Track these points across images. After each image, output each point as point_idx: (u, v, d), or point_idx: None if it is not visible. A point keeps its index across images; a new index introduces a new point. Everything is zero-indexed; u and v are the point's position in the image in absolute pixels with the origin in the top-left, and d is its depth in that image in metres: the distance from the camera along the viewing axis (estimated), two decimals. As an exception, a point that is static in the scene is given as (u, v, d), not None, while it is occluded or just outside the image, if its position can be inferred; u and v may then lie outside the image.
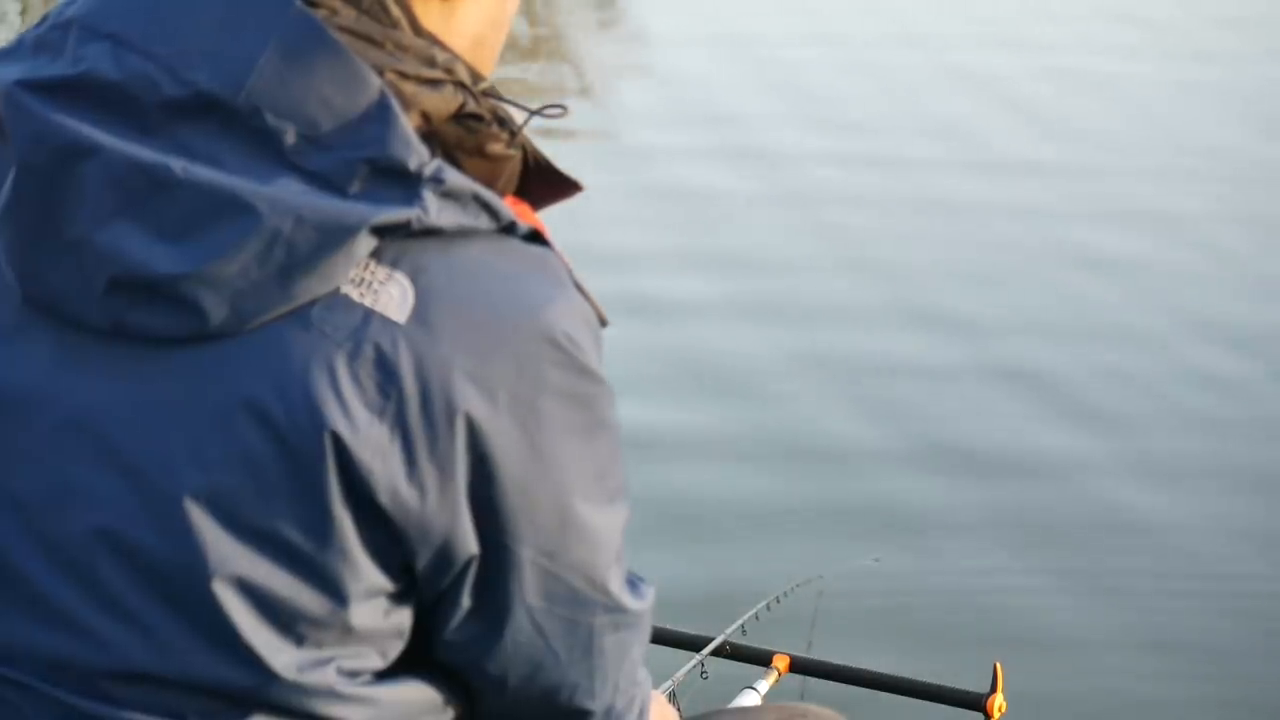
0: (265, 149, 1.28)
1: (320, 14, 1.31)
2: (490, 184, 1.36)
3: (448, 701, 1.41)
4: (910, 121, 8.61)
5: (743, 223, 6.99)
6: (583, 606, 1.39)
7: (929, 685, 2.57)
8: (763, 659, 2.60)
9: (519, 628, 1.37)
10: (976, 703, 2.49)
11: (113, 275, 1.27)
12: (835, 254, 6.63)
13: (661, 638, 2.62)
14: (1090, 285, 6.39)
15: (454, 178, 1.30)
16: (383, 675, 1.36)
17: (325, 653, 1.32)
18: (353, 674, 1.34)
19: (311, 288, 1.27)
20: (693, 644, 2.65)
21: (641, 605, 1.44)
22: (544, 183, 1.42)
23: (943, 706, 2.57)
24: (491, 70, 1.43)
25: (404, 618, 1.35)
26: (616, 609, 1.41)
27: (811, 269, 6.47)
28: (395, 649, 1.36)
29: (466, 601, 1.35)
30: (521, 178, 1.41)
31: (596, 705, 1.44)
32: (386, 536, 1.30)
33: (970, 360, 5.69)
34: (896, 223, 7.02)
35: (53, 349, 1.31)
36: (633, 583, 1.44)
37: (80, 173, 1.28)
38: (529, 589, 1.36)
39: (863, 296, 6.21)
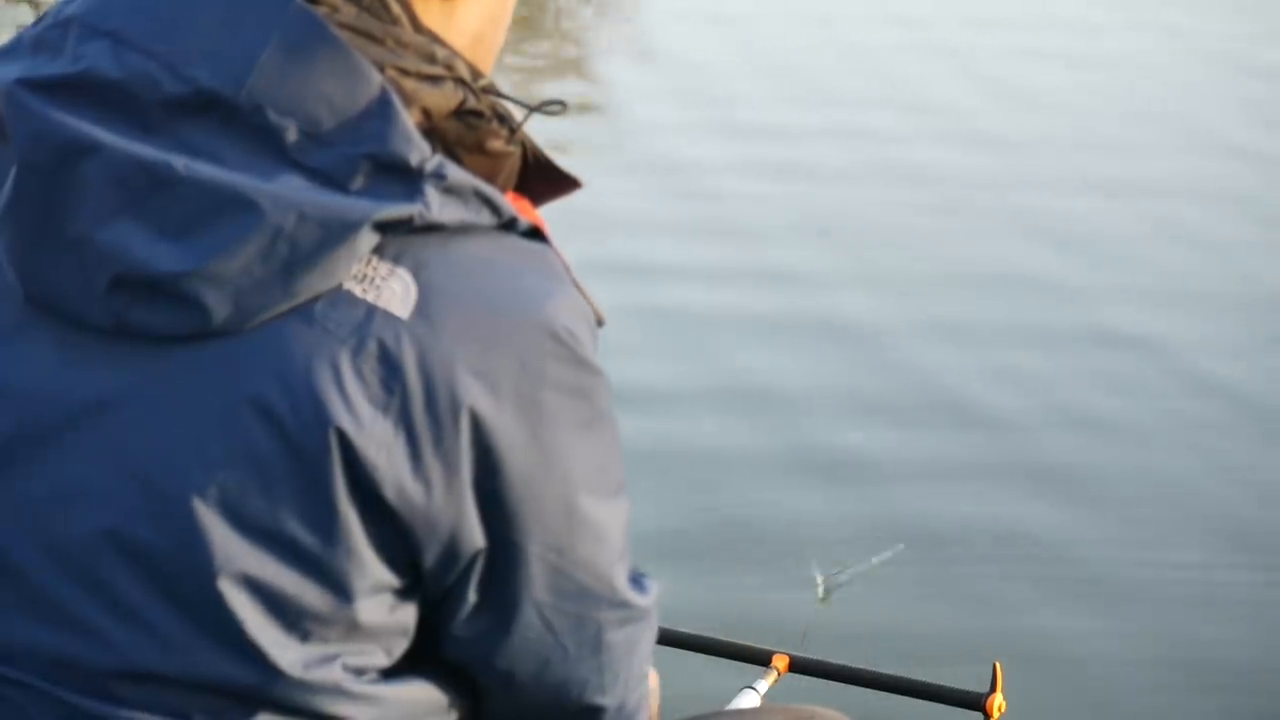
0: (267, 146, 1.28)
1: (321, 11, 1.31)
2: (490, 180, 1.36)
3: (453, 702, 1.41)
4: (893, 97, 8.85)
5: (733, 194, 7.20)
6: (591, 602, 1.39)
7: (928, 685, 2.56)
8: (762, 658, 2.59)
9: (527, 623, 1.38)
10: (976, 703, 2.49)
11: (115, 274, 1.27)
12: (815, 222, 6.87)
13: (661, 638, 2.62)
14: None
15: (455, 173, 1.30)
16: (388, 674, 1.36)
17: (331, 649, 1.32)
18: (358, 671, 1.34)
19: (314, 284, 1.27)
20: (692, 643, 2.64)
21: (647, 601, 1.44)
22: (544, 179, 1.43)
23: (942, 706, 2.57)
24: (491, 67, 1.44)
25: (409, 614, 1.36)
26: (623, 605, 1.42)
27: (790, 236, 6.69)
28: (400, 646, 1.37)
29: (474, 597, 1.36)
30: (521, 174, 1.41)
31: (608, 701, 1.45)
32: (392, 532, 1.31)
33: (947, 321, 5.88)
34: (879, 193, 7.26)
35: (55, 347, 1.31)
36: (637, 579, 1.45)
37: (81, 171, 1.28)
38: (537, 584, 1.36)
39: (840, 262, 6.43)
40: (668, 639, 2.64)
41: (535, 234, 1.36)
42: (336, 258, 1.26)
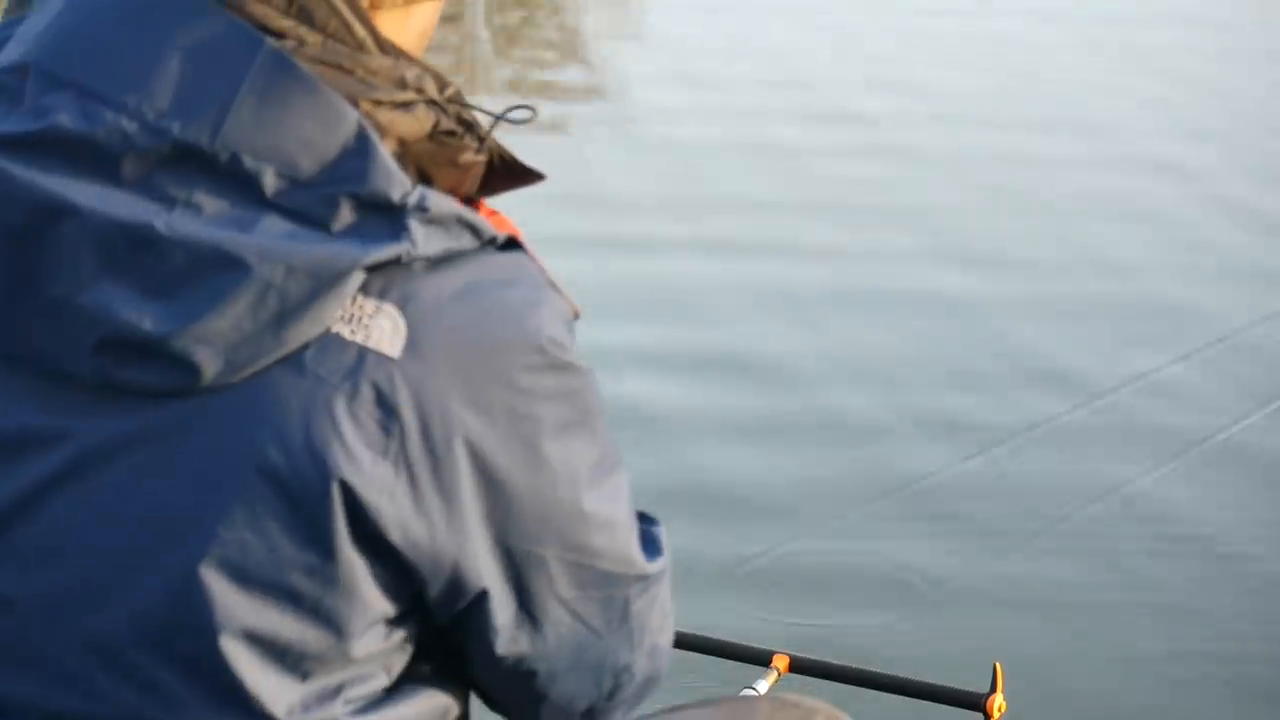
0: (246, 192, 1.26)
1: (288, 45, 1.29)
2: (460, 188, 1.37)
3: (451, 705, 1.42)
4: (874, 79, 9.20)
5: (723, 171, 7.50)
6: (613, 583, 1.42)
7: (928, 685, 2.56)
8: (762, 659, 2.59)
9: (558, 620, 1.40)
10: (976, 703, 2.49)
11: (101, 336, 1.26)
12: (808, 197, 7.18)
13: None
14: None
15: (437, 203, 1.29)
16: (389, 691, 1.36)
17: (333, 680, 1.32)
18: (358, 699, 1.34)
19: (305, 333, 1.26)
20: (692, 643, 2.64)
21: (663, 562, 1.47)
22: (507, 174, 1.42)
23: (943, 707, 2.57)
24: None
25: (410, 634, 1.36)
26: (642, 576, 1.44)
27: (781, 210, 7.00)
28: (401, 663, 1.37)
29: (506, 621, 1.37)
30: (486, 170, 1.41)
31: (638, 656, 1.47)
32: (398, 570, 1.31)
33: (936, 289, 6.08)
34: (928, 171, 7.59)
35: (41, 400, 1.29)
36: (648, 538, 1.47)
37: (58, 234, 1.26)
38: (560, 585, 1.38)
39: (834, 235, 6.70)
40: (668, 639, 2.64)
41: (511, 243, 1.36)
42: (326, 305, 1.25)
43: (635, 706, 1.52)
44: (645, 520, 1.50)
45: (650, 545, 1.47)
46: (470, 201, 1.40)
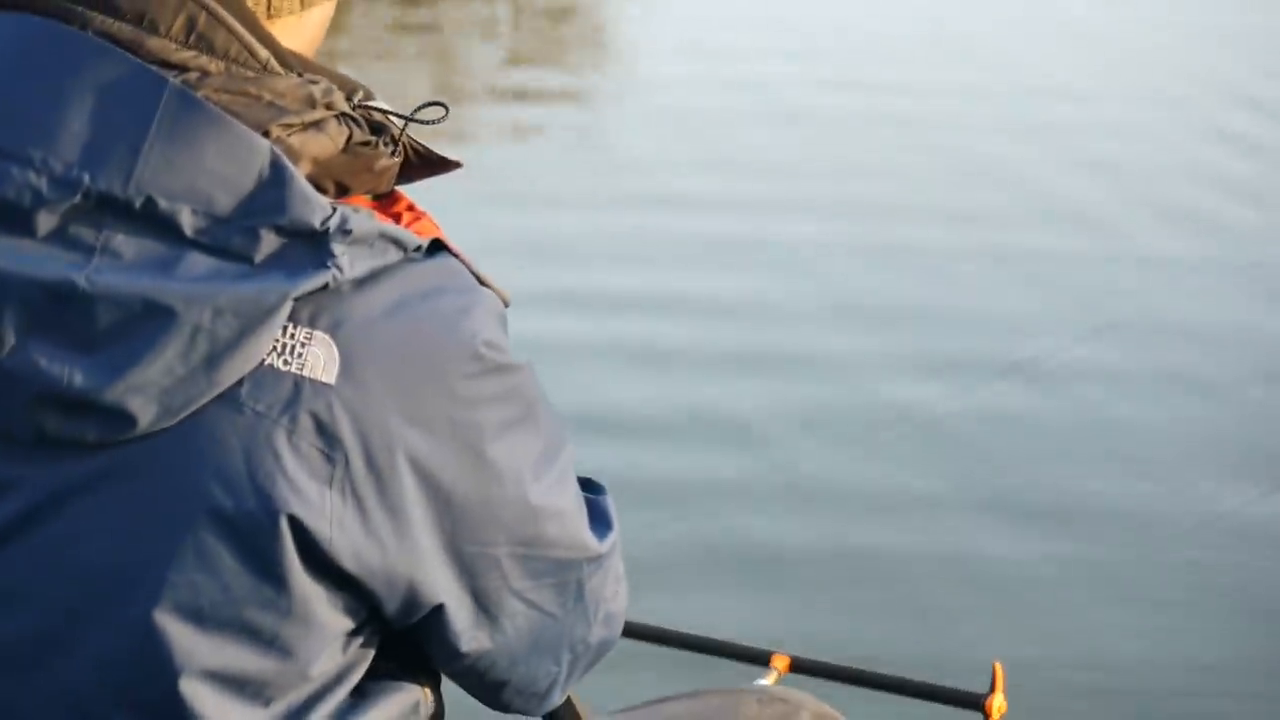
0: (164, 235, 1.24)
1: (190, 78, 1.27)
2: (376, 188, 1.35)
3: (419, 702, 1.41)
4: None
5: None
6: (566, 568, 1.41)
7: (928, 685, 2.56)
8: (762, 659, 2.59)
9: (515, 613, 1.39)
10: (976, 702, 2.49)
11: (32, 395, 1.23)
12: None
13: (663, 637, 2.63)
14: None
15: (359, 223, 1.27)
16: (355, 702, 1.36)
17: (296, 700, 1.31)
18: (326, 713, 1.33)
19: (238, 370, 1.24)
20: (693, 643, 2.64)
21: (612, 538, 1.46)
22: (424, 164, 1.41)
23: (942, 706, 2.57)
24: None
25: (365, 642, 1.35)
26: (594, 557, 1.43)
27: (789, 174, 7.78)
28: (361, 669, 1.36)
29: (465, 625, 1.37)
30: (402, 164, 1.39)
31: (594, 628, 1.47)
32: (353, 593, 1.30)
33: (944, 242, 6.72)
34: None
35: None
36: (597, 516, 1.46)
37: None
38: (515, 579, 1.37)
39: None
40: (669, 639, 2.65)
41: (434, 245, 1.33)
42: (257, 341, 1.23)
43: (590, 669, 1.51)
44: (591, 488, 1.49)
45: (599, 519, 1.46)
46: (389, 194, 1.39)
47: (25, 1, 1.29)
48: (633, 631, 2.44)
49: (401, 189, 1.41)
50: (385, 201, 1.38)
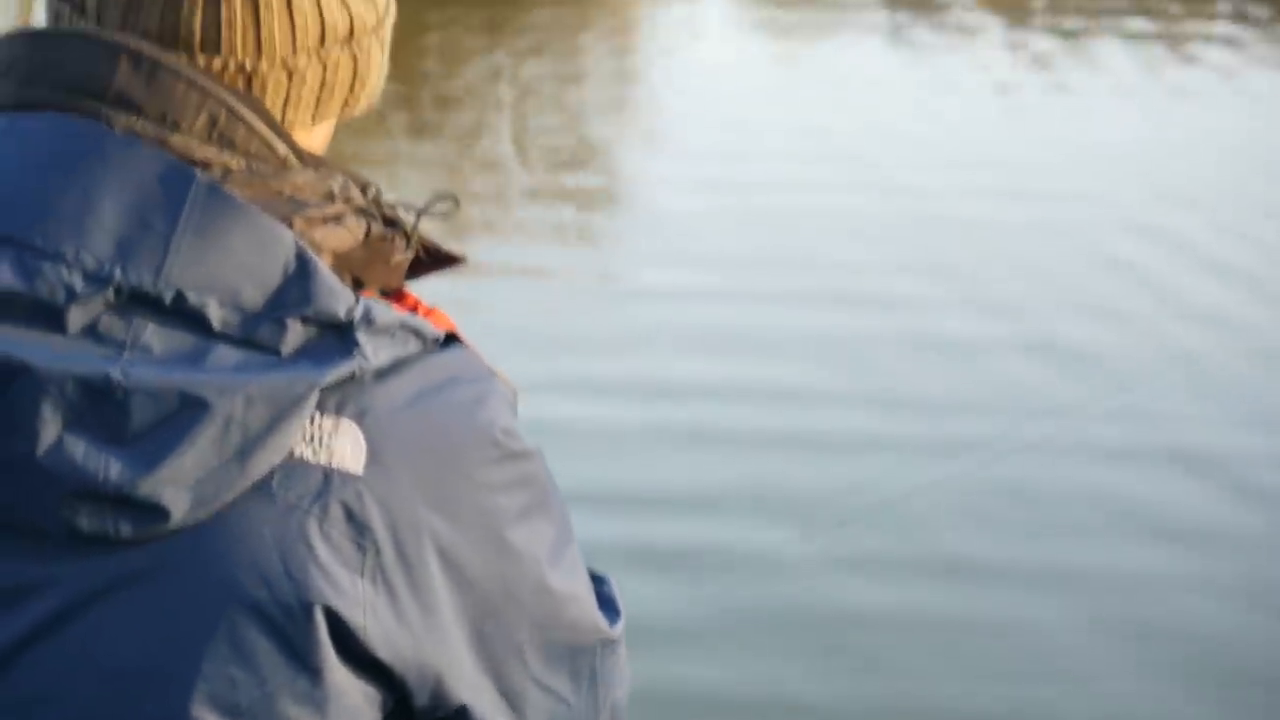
0: (193, 328, 1.25)
1: (215, 174, 1.29)
2: (389, 283, 1.39)
3: None
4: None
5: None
6: (580, 654, 1.43)
7: None
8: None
9: (536, 703, 1.40)
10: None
11: (67, 491, 1.23)
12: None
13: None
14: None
15: (380, 313, 1.30)
16: None
17: None
18: None
19: (269, 460, 1.25)
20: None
21: (621, 624, 1.48)
22: (431, 259, 1.44)
23: None
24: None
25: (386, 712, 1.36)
26: (606, 640, 1.45)
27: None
28: None
29: (489, 712, 1.37)
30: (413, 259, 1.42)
31: (601, 714, 1.47)
32: (386, 686, 1.31)
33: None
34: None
35: (14, 552, 1.26)
36: (604, 601, 1.48)
37: (12, 393, 1.23)
38: (535, 666, 1.39)
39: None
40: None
41: (449, 338, 1.36)
42: (288, 430, 1.24)
43: None
44: (596, 581, 1.50)
45: (607, 606, 1.47)
46: (396, 291, 1.42)
47: (54, 101, 1.31)
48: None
49: (408, 287, 1.45)
50: (393, 298, 1.41)
